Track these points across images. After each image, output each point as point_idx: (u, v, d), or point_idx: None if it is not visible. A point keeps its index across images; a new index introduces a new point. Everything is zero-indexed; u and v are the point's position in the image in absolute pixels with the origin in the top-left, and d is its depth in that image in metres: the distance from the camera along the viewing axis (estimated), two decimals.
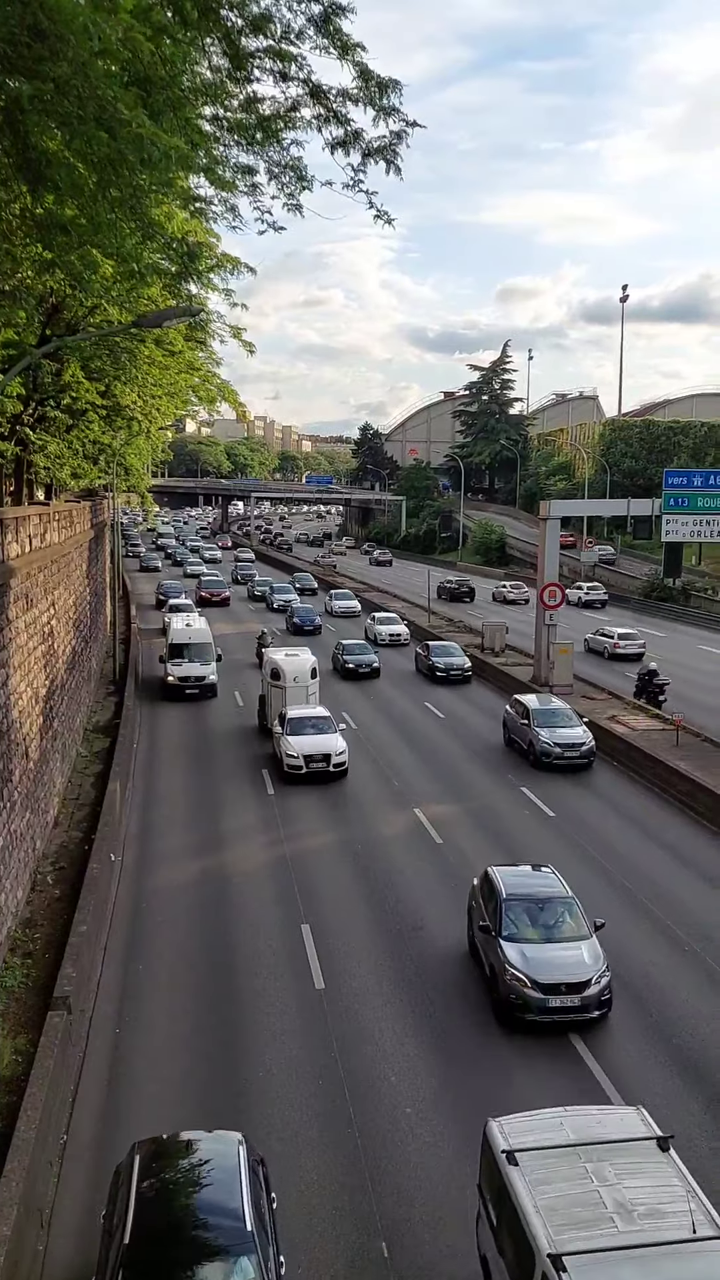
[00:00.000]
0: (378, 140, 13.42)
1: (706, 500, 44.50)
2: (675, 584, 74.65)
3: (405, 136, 13.32)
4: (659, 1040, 16.63)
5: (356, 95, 13.07)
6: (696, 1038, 16.68)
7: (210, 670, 42.28)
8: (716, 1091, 15.20)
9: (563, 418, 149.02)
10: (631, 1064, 15.89)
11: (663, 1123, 14.17)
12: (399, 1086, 15.23)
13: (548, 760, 31.80)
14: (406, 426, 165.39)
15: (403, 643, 56.13)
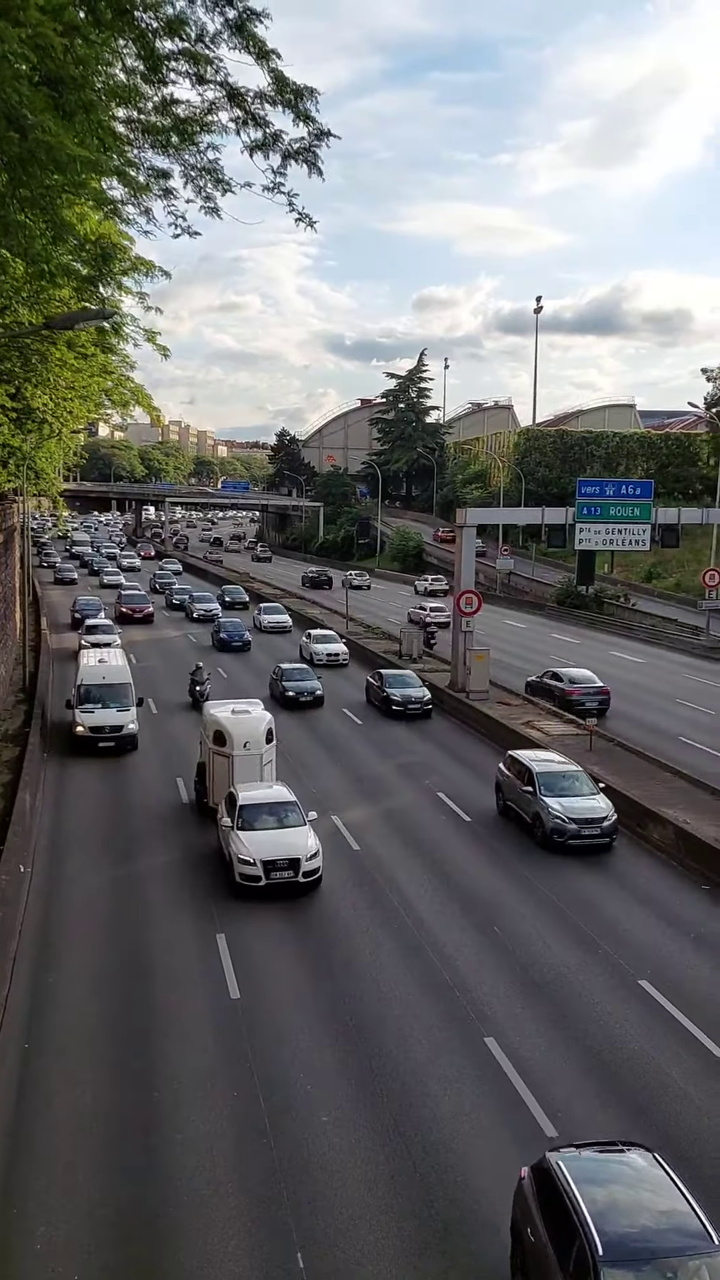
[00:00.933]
0: (298, 142, 13.42)
1: (618, 509, 45.30)
2: (588, 591, 75.83)
3: (325, 138, 13.34)
4: (572, 1040, 16.80)
5: (275, 98, 13.05)
6: (608, 1038, 16.90)
7: (129, 718, 34.34)
8: (626, 1092, 15.40)
9: (478, 427, 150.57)
10: (544, 1066, 16.02)
11: (573, 1121, 14.40)
12: (315, 1095, 15.15)
13: (560, 839, 25.27)
14: (324, 433, 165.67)
15: (342, 663, 51.27)
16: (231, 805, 23.84)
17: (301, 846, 22.45)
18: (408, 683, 41.32)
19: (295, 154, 13.38)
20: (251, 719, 27.54)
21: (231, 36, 12.53)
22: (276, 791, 24.77)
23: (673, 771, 31.48)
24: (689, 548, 72.47)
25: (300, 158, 13.33)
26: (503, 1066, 15.90)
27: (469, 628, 43.79)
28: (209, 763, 27.44)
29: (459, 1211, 12.76)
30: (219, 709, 28.68)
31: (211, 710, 28.66)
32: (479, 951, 19.99)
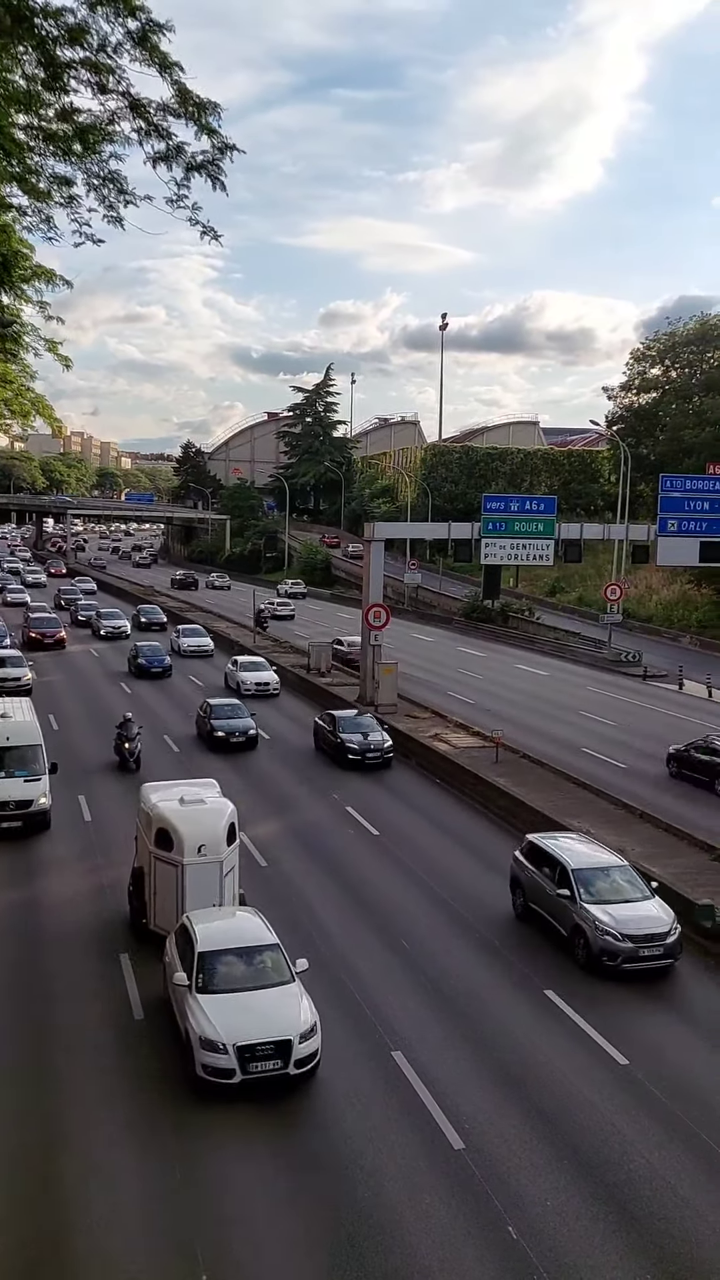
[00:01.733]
0: (202, 155, 13.38)
1: (523, 524, 45.98)
2: (494, 605, 76.85)
3: (229, 151, 13.32)
4: (480, 1054, 16.88)
5: (178, 110, 12.99)
6: (516, 1050, 17.03)
7: (39, 789, 27.23)
8: (533, 1102, 15.53)
9: (385, 441, 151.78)
10: (451, 1080, 16.06)
11: (480, 1133, 14.47)
12: (225, 1113, 14.95)
13: (612, 963, 19.39)
14: (230, 446, 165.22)
15: (272, 692, 46.44)
16: (187, 948, 16.86)
17: (292, 1019, 15.71)
18: (365, 727, 35.48)
19: (199, 167, 13.34)
20: (207, 811, 20.32)
21: (134, 48, 12.45)
22: (247, 924, 17.93)
23: (576, 783, 31.97)
24: (591, 563, 74.09)
25: (203, 171, 13.28)
26: (410, 1081, 15.90)
27: (378, 641, 43.96)
28: (149, 870, 20.20)
29: (366, 1226, 12.70)
30: (162, 795, 21.20)
31: (152, 797, 21.07)
32: (390, 966, 19.98)
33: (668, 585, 77.26)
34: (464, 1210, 13.02)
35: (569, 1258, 12.25)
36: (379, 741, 34.94)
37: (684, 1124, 14.93)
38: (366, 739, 34.83)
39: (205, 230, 14.02)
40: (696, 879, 23.63)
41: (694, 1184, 13.70)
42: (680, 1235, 12.70)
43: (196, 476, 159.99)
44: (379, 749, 34.72)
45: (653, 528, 47.91)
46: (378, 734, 35.28)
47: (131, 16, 12.09)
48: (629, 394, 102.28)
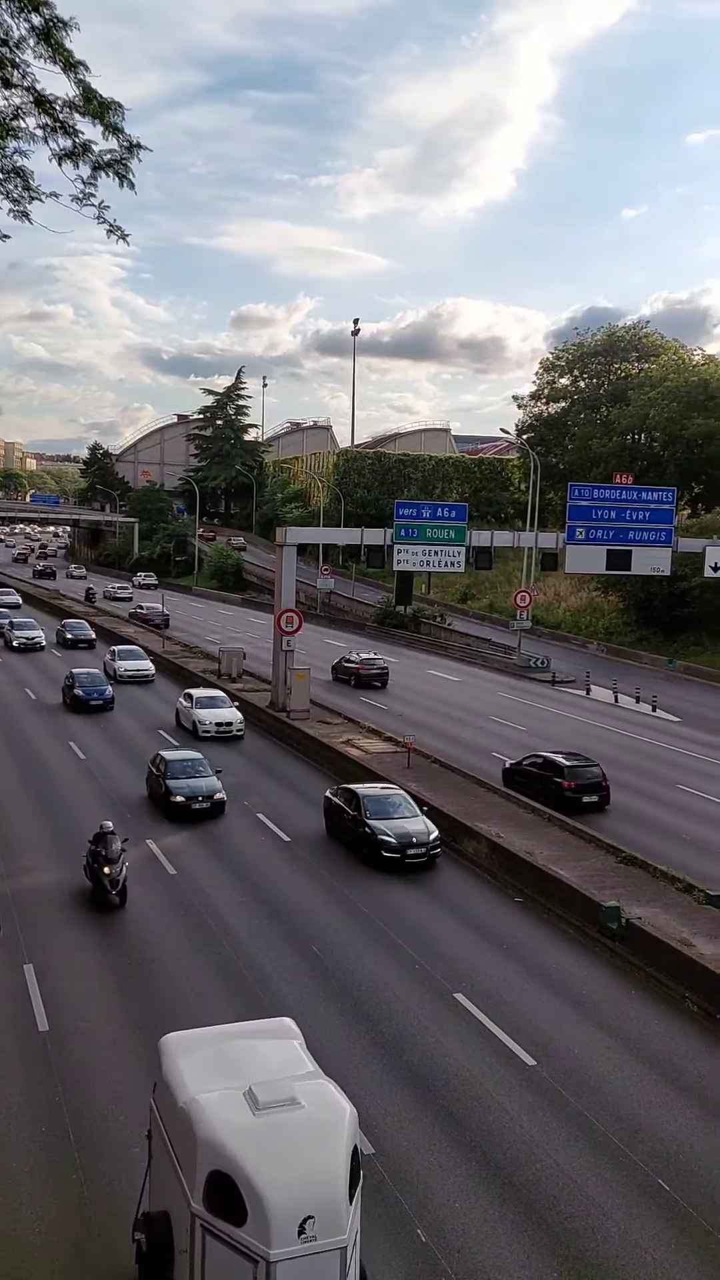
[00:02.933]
0: (109, 154, 13.21)
1: (434, 531, 46.38)
2: (406, 611, 77.31)
3: (137, 151, 13.17)
4: (389, 1056, 16.92)
5: (84, 109, 12.81)
6: (424, 1053, 17.11)
7: None
8: (442, 1105, 15.62)
9: (298, 446, 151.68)
10: (360, 1083, 16.07)
11: (390, 1137, 14.50)
12: (130, 1127, 14.73)
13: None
14: (139, 448, 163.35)
15: (235, 733, 39.60)
16: None
17: None
18: (394, 809, 26.85)
19: (106, 165, 13.17)
20: (310, 1136, 9.85)
21: (38, 44, 12.23)
22: None
23: (487, 787, 32.30)
24: (501, 570, 75.05)
25: (111, 169, 13.12)
26: None
27: (290, 647, 43.86)
28: (192, 1241, 9.53)
29: None
30: (204, 1068, 10.73)
31: (186, 1075, 10.61)
32: (298, 971, 19.93)
33: (576, 593, 78.59)
34: (373, 1214, 13.02)
35: (477, 1258, 12.34)
36: (421, 835, 26.12)
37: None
38: (404, 828, 26.18)
39: (113, 229, 13.86)
40: (602, 881, 24.06)
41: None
42: (585, 1232, 12.89)
43: (104, 478, 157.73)
44: (422, 847, 25.95)
45: (561, 536, 48.73)
46: (417, 822, 26.60)
47: (35, 12, 11.89)
48: (538, 403, 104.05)
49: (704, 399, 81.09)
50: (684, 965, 19.69)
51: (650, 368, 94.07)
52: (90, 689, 44.11)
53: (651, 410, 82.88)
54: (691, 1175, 14.04)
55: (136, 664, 52.68)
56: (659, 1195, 13.62)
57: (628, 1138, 14.85)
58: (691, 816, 31.69)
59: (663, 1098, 16.03)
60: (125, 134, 12.93)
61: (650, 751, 40.59)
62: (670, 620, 66.17)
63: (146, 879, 24.63)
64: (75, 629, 65.17)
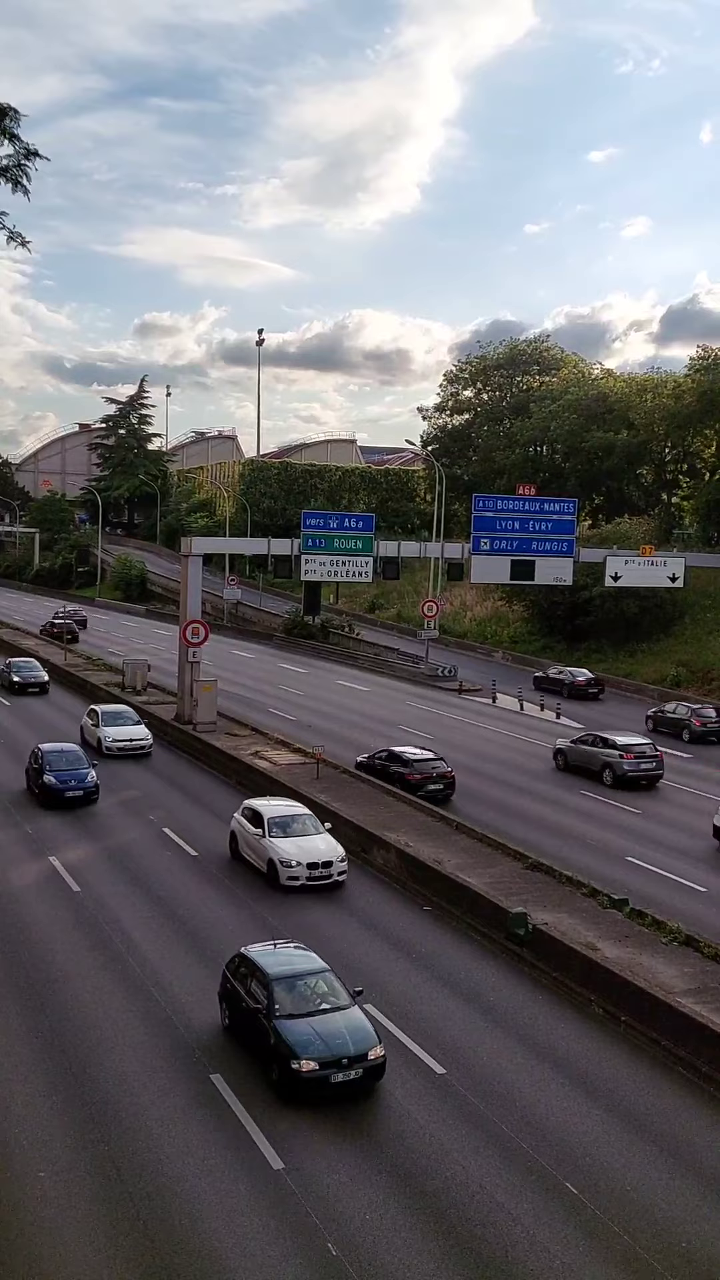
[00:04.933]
0: (6, 159, 12.99)
1: (342, 541, 46.47)
2: (315, 621, 77.31)
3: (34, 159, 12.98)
4: None
5: None
6: None
7: None
8: (352, 1117, 15.56)
9: (203, 455, 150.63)
10: (269, 1099, 15.94)
11: (299, 1152, 14.39)
12: (32, 1151, 14.38)
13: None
14: (39, 457, 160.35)
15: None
16: None
17: None
18: None
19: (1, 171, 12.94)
20: None
21: None
22: None
23: (395, 796, 32.40)
24: (408, 580, 75.49)
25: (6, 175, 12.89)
26: (228, 1102, 15.70)
27: (195, 658, 43.46)
28: None
29: (185, 1255, 12.42)
30: None
31: None
32: (206, 989, 19.69)
33: (481, 602, 79.50)
34: (284, 1230, 12.91)
35: (388, 1268, 12.31)
36: None
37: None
38: None
39: (13, 235, 13.67)
40: (510, 887, 24.30)
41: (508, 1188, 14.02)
42: (494, 1238, 12.96)
43: (3, 488, 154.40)
44: None
45: (466, 546, 49.23)
46: None
47: None
48: (443, 415, 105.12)
49: (603, 412, 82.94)
50: (590, 969, 19.98)
51: (551, 381, 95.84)
52: (66, 772, 31.99)
53: (553, 423, 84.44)
54: (599, 1178, 14.22)
55: (129, 731, 39.13)
56: (567, 1198, 13.76)
57: (536, 1142, 14.98)
58: (594, 821, 32.25)
59: (570, 1101, 16.21)
60: (21, 140, 12.73)
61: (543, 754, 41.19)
62: (573, 629, 67.34)
63: (48, 897, 24.16)
64: (24, 669, 53.32)
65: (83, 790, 31.75)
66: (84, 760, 33.18)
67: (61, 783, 31.69)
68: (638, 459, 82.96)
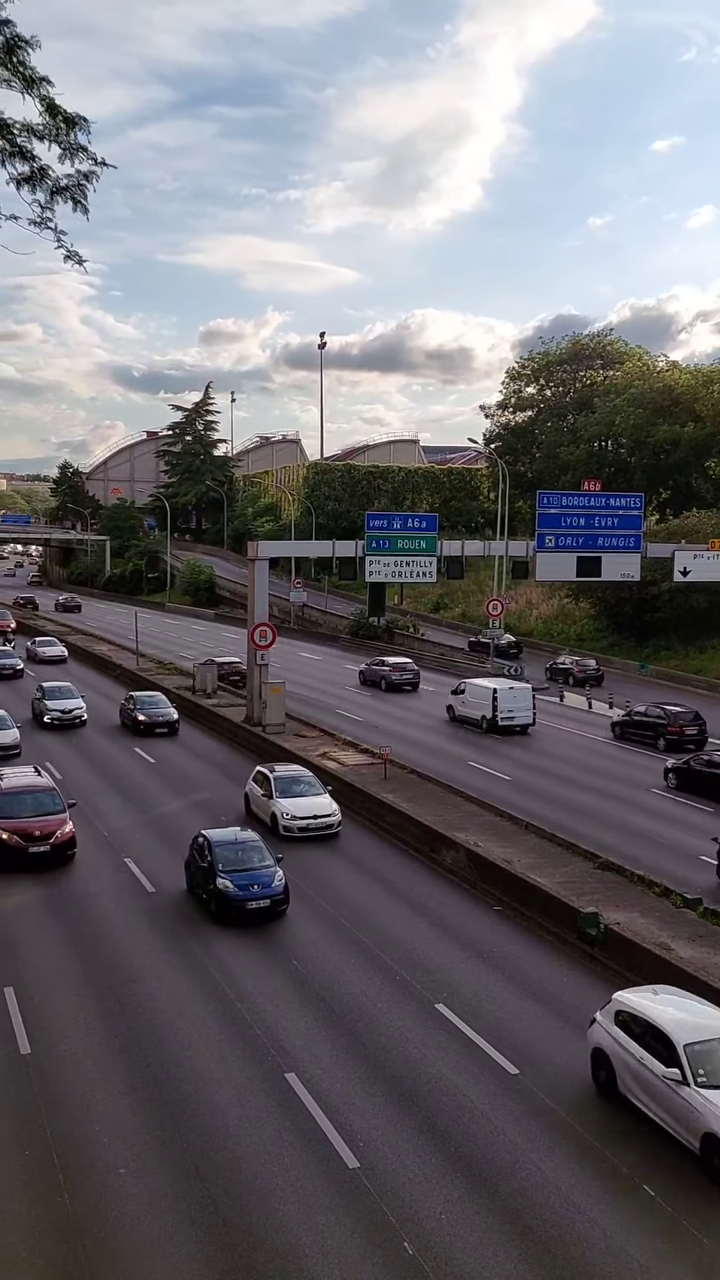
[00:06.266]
0: (66, 178, 13.23)
1: (405, 542, 46.50)
2: (380, 622, 77.42)
3: (95, 177, 13.22)
4: (372, 1069, 16.90)
5: (43, 131, 12.82)
6: (408, 1065, 17.10)
7: None
8: (426, 1116, 15.62)
9: (267, 460, 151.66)
10: (344, 1098, 16.05)
11: (375, 1150, 14.49)
12: (112, 1147, 14.65)
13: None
14: (109, 465, 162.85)
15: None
16: None
17: None
18: None
19: (62, 190, 13.18)
20: None
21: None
22: None
23: (463, 796, 32.35)
24: (472, 579, 75.30)
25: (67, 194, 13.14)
26: (304, 1101, 15.84)
27: (264, 660, 43.80)
28: None
29: (264, 1253, 12.58)
30: None
31: None
32: (279, 987, 19.88)
33: (547, 600, 78.94)
34: (360, 1228, 13.01)
35: (464, 1269, 12.35)
36: None
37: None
38: None
39: (70, 254, 13.88)
40: (581, 887, 24.14)
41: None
42: (572, 1240, 12.92)
43: (74, 497, 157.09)
44: None
45: (531, 544, 48.95)
46: None
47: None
48: (506, 412, 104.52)
49: (668, 405, 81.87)
50: (663, 969, 19.76)
51: (615, 375, 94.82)
52: (244, 878, 23.27)
53: (617, 417, 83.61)
54: (677, 1179, 14.10)
55: (312, 804, 29.63)
56: (644, 1201, 13.66)
57: (613, 1146, 14.89)
58: (665, 820, 31.87)
59: None
60: (89, 151, 12.98)
61: (622, 756, 40.80)
62: (641, 625, 66.58)
63: (125, 892, 24.58)
64: (149, 706, 44.50)
65: (269, 899, 23.20)
66: (265, 852, 24.19)
67: (241, 889, 22.97)
68: (705, 451, 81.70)
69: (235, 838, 24.83)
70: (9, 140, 12.81)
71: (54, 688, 46.96)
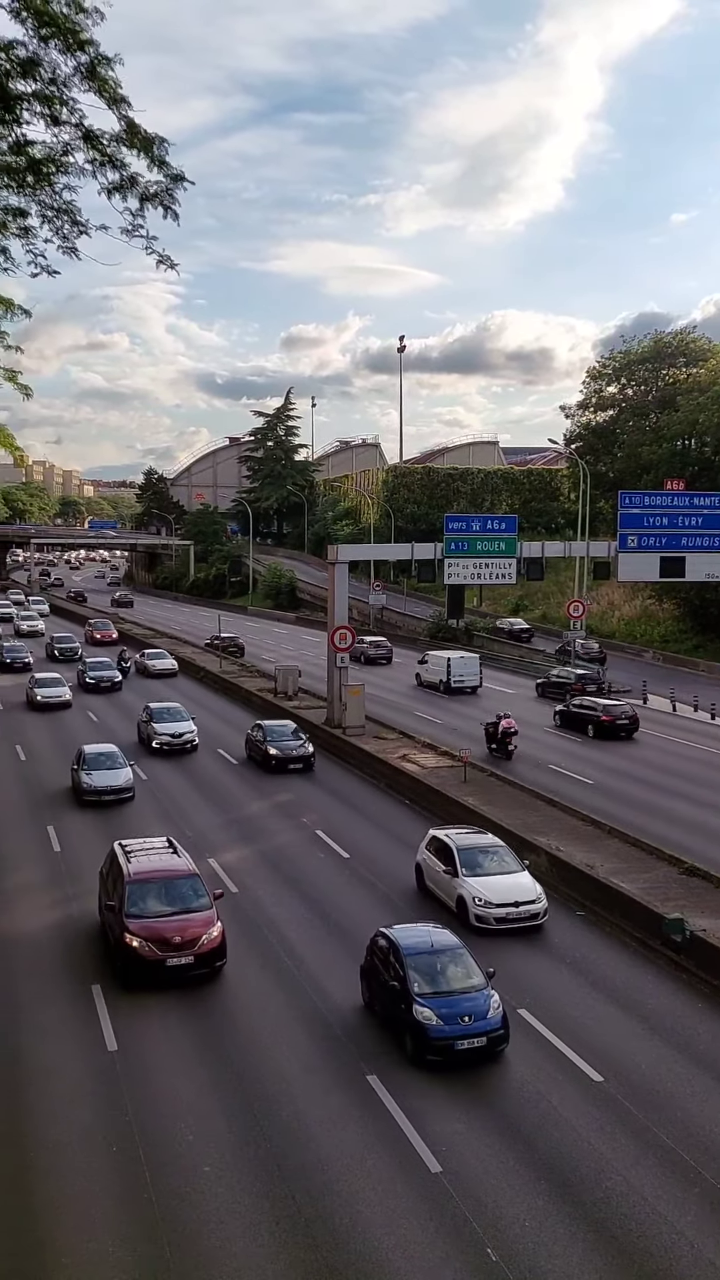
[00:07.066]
0: (155, 185, 13.46)
1: (484, 544, 46.29)
2: (459, 625, 77.08)
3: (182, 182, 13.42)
4: (454, 1074, 16.84)
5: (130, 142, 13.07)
6: (490, 1069, 17.00)
7: None
8: (509, 1122, 15.51)
9: (347, 464, 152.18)
10: (427, 1101, 16.01)
11: (457, 1156, 14.43)
12: (197, 1145, 14.82)
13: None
14: (192, 471, 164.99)
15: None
16: None
17: None
18: None
19: (152, 197, 13.41)
20: None
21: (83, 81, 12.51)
22: None
23: (545, 800, 32.08)
24: (553, 580, 74.62)
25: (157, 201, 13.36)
26: (385, 1104, 15.84)
27: (344, 663, 43.97)
28: None
29: (346, 1255, 12.61)
30: None
31: None
32: (358, 984, 19.91)
33: (629, 601, 77.88)
34: (442, 1234, 12.96)
35: (548, 1278, 12.22)
36: None
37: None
38: None
39: (162, 259, 14.10)
40: (666, 892, 23.77)
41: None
42: (658, 1251, 12.72)
43: (159, 503, 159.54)
44: None
45: (613, 544, 48.36)
46: None
47: (80, 50, 12.17)
48: (586, 412, 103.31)
49: None
50: None
51: (699, 372, 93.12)
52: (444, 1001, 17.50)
53: (701, 415, 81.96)
54: None
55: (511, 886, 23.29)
56: None
57: (699, 1155, 14.63)
58: None
59: None
60: (170, 166, 13.19)
61: (710, 760, 40.07)
62: None
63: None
64: (277, 736, 38.83)
65: (485, 1035, 17.14)
66: (472, 964, 18.35)
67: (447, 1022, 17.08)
68: None
69: (432, 943, 18.51)
70: (99, 150, 13.07)
71: (162, 709, 42.57)
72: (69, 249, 14.66)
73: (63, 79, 12.41)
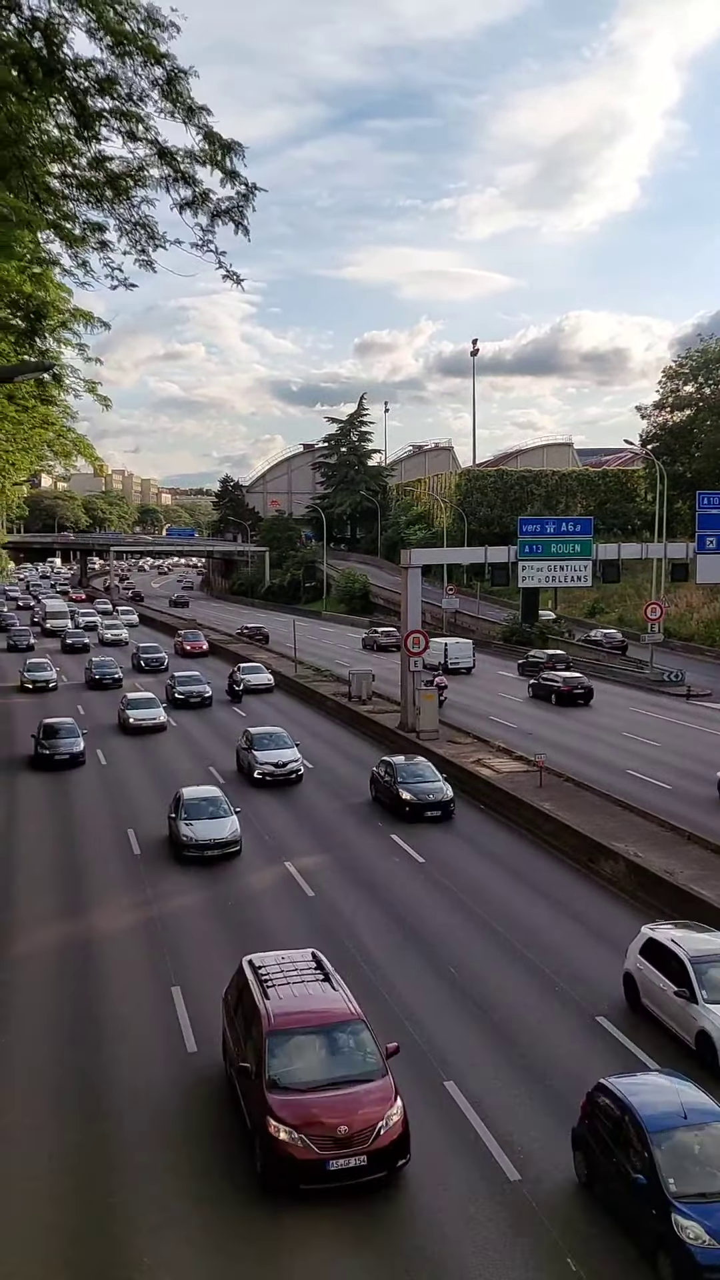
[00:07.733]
0: (226, 201, 13.66)
1: (559, 546, 45.92)
2: (533, 628, 76.59)
3: (252, 198, 13.60)
4: (533, 1082, 16.72)
5: (203, 157, 13.27)
6: (570, 1077, 16.85)
7: None
8: None
9: (420, 468, 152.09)
10: (507, 1107, 15.91)
11: (534, 1163, 14.32)
12: None
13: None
14: (267, 478, 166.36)
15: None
16: None
17: None
18: None
19: (223, 213, 13.61)
20: None
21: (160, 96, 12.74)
22: None
23: (622, 805, 31.69)
24: (629, 582, 73.68)
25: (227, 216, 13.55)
26: (463, 1110, 15.77)
27: (418, 668, 43.93)
28: None
29: (423, 1260, 12.58)
30: None
31: None
32: (435, 994, 19.88)
33: (709, 603, 76.54)
34: (522, 1242, 12.87)
35: None
36: None
37: None
38: None
39: (229, 274, 14.30)
40: None
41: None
42: None
43: (235, 510, 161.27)
44: None
45: (691, 545, 47.67)
46: None
47: (157, 64, 12.39)
48: (663, 412, 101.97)
49: None
50: None
51: None
52: None
53: None
54: None
55: None
56: None
57: None
58: None
59: None
60: (242, 177, 13.37)
61: None
62: None
63: (285, 901, 25.00)
64: (413, 777, 32.72)
65: None
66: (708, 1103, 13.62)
67: None
68: None
69: (683, 1110, 13.09)
70: (173, 166, 13.30)
71: (263, 734, 38.15)
72: (145, 262, 14.93)
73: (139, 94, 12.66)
